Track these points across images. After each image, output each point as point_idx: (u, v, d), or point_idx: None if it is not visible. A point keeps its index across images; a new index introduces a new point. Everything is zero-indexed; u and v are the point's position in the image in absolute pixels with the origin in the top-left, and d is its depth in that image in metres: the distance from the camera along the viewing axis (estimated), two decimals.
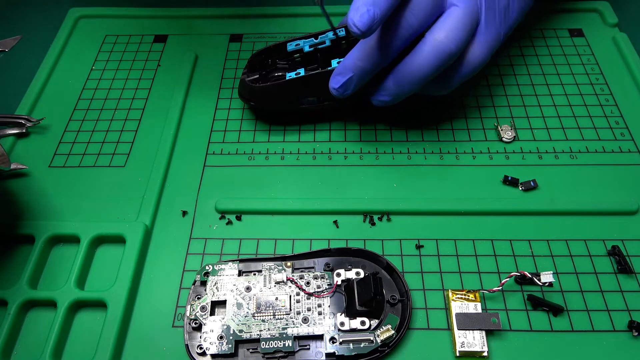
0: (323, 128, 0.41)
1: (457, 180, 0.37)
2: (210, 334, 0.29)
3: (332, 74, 0.34)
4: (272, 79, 0.39)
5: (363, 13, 0.29)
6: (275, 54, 0.40)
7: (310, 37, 0.39)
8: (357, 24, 0.29)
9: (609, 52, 0.45)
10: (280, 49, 0.40)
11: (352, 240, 0.34)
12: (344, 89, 0.34)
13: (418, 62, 0.32)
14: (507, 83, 0.43)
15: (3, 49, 0.48)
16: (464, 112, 0.41)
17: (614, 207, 0.35)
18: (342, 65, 0.34)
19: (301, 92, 0.38)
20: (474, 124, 0.40)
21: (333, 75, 0.34)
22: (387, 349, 0.29)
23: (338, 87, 0.34)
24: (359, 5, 0.29)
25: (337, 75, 0.34)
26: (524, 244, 0.34)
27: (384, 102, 0.36)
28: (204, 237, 0.35)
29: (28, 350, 0.30)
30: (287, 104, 0.39)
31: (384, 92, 0.35)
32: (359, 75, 0.33)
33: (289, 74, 0.37)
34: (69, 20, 0.49)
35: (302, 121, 0.41)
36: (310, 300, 0.31)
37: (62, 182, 0.38)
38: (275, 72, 0.40)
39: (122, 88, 0.44)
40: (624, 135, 0.39)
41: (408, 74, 0.33)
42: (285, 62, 0.40)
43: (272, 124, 0.41)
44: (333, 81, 0.34)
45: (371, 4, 0.29)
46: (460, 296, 0.31)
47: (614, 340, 0.30)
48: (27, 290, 0.32)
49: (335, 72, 0.34)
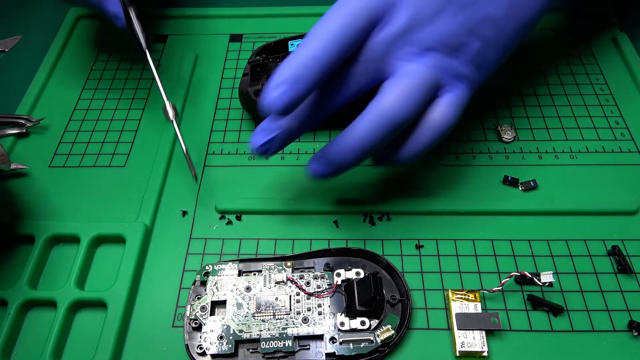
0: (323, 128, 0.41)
1: (457, 180, 0.37)
2: (210, 334, 0.29)
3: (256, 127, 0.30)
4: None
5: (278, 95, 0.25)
6: (276, 52, 0.40)
7: None
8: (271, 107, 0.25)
9: (609, 52, 0.45)
10: (282, 47, 0.40)
11: (352, 240, 0.34)
12: (266, 148, 0.29)
13: (359, 131, 0.27)
14: (507, 83, 0.43)
15: (3, 49, 0.48)
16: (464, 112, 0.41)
17: (614, 207, 0.35)
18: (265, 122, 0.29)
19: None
20: (474, 124, 0.40)
21: (255, 132, 0.29)
22: (387, 349, 0.29)
23: (259, 145, 0.29)
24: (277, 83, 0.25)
25: (259, 133, 0.29)
26: (524, 244, 0.34)
27: (321, 173, 0.30)
28: (204, 237, 0.35)
29: (28, 350, 0.30)
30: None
31: (322, 163, 0.29)
32: (283, 136, 0.29)
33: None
34: (69, 20, 0.49)
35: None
36: (310, 300, 0.31)
37: (62, 182, 0.38)
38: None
39: (122, 88, 0.44)
40: (624, 135, 0.39)
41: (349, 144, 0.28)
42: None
43: None
44: (255, 138, 0.29)
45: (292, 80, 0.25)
46: (460, 296, 0.31)
47: (614, 340, 0.30)
48: (27, 290, 0.32)
49: (257, 129, 0.29)
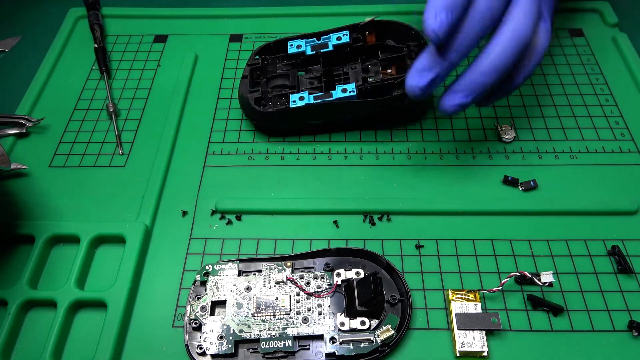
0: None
1: (457, 180, 0.37)
2: (210, 334, 0.29)
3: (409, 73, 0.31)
4: (275, 99, 0.38)
5: (442, 19, 0.28)
6: (276, 53, 0.40)
7: (312, 37, 0.39)
8: (435, 30, 0.28)
9: (609, 52, 0.45)
10: (281, 47, 0.39)
11: (352, 240, 0.34)
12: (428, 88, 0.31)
13: (496, 52, 0.30)
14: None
15: (3, 49, 0.48)
16: (464, 112, 0.41)
17: (614, 207, 0.35)
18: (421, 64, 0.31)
19: (305, 117, 0.37)
20: (474, 124, 0.40)
21: (412, 73, 0.31)
22: (387, 349, 0.29)
23: (423, 85, 0.31)
24: (436, 11, 0.28)
25: (420, 73, 0.31)
26: (524, 244, 0.34)
27: (460, 106, 0.32)
28: (204, 237, 0.35)
29: (28, 350, 0.30)
30: (290, 127, 0.39)
31: (460, 94, 0.32)
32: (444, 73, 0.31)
33: (292, 98, 0.36)
34: (69, 20, 0.49)
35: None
36: (310, 300, 0.31)
37: (62, 182, 0.38)
38: (277, 83, 0.39)
39: (122, 88, 0.44)
40: (624, 135, 0.39)
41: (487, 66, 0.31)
42: (287, 67, 0.39)
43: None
44: (415, 79, 0.31)
45: (445, 8, 0.28)
46: (460, 296, 0.31)
47: (614, 340, 0.30)
48: (27, 290, 0.32)
49: (414, 70, 0.31)
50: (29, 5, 0.52)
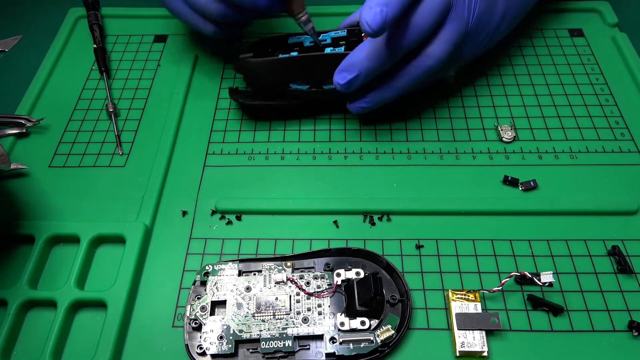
0: (323, 128, 0.41)
1: (457, 180, 0.37)
2: (210, 334, 0.29)
3: (336, 69, 0.34)
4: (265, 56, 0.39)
5: (376, 12, 0.29)
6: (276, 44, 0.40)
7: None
8: (369, 23, 0.29)
9: (609, 52, 0.45)
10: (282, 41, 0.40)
11: (352, 240, 0.34)
12: (349, 85, 0.34)
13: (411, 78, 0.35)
14: (507, 83, 0.43)
15: (3, 49, 0.48)
16: (464, 112, 0.41)
17: (614, 207, 0.35)
18: (349, 62, 0.34)
19: (293, 73, 0.37)
20: (474, 124, 0.40)
21: (338, 70, 0.34)
22: (387, 349, 0.29)
23: (343, 83, 0.34)
24: (373, 5, 0.29)
25: (343, 72, 0.34)
26: (524, 244, 0.34)
27: (364, 109, 0.37)
28: (204, 237, 0.35)
29: (28, 350, 0.30)
30: (278, 84, 0.38)
31: (367, 100, 0.36)
32: (365, 75, 0.34)
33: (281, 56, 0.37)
34: (69, 20, 0.49)
35: (302, 115, 0.41)
36: (310, 300, 0.31)
37: (62, 182, 0.38)
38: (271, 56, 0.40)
39: (122, 88, 0.44)
40: (624, 135, 0.39)
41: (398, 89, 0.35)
42: (285, 54, 0.40)
43: (272, 123, 0.41)
44: (338, 77, 0.34)
45: (384, 4, 0.29)
46: (460, 296, 0.31)
47: (614, 340, 0.30)
48: (27, 290, 0.32)
49: (340, 68, 0.34)
50: (29, 5, 0.52)
